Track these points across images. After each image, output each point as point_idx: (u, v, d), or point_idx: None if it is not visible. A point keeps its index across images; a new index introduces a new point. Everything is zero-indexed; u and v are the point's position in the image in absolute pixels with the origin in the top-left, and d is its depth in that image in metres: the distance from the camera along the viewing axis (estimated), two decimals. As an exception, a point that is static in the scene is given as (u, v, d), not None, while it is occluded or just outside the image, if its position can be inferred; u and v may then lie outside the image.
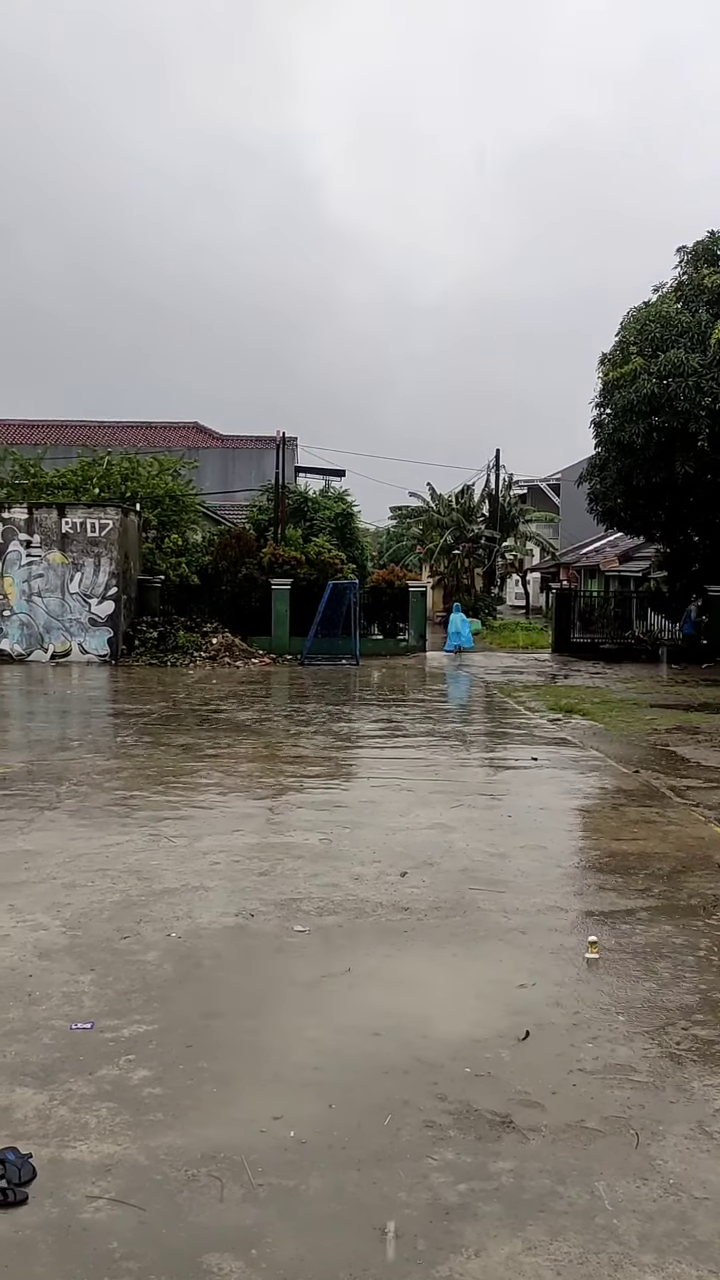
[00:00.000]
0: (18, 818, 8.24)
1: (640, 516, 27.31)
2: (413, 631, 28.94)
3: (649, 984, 4.98)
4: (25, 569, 24.43)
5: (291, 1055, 4.18)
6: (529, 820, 8.49)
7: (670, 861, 7.25)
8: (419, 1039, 4.33)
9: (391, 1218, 3.09)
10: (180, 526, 28.76)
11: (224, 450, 44.51)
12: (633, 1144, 3.53)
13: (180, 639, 25.07)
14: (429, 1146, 3.50)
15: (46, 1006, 4.61)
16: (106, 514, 24.61)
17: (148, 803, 8.90)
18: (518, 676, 22.98)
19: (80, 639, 24.43)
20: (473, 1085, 3.93)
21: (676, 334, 24.10)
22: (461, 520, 50.76)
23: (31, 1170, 3.29)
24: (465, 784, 10.17)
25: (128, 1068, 4.03)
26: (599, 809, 9.33)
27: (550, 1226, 3.06)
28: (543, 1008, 4.67)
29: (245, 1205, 3.16)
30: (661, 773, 10.85)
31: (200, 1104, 3.77)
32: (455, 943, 5.53)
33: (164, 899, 6.17)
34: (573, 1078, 4.01)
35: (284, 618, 26.80)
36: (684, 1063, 4.16)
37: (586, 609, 32.44)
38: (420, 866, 6.95)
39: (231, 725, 14.11)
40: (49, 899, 6.14)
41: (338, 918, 5.89)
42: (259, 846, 7.48)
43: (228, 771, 10.49)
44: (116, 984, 4.87)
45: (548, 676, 23.23)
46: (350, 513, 32.00)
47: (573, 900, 6.35)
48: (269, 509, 30.60)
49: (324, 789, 9.77)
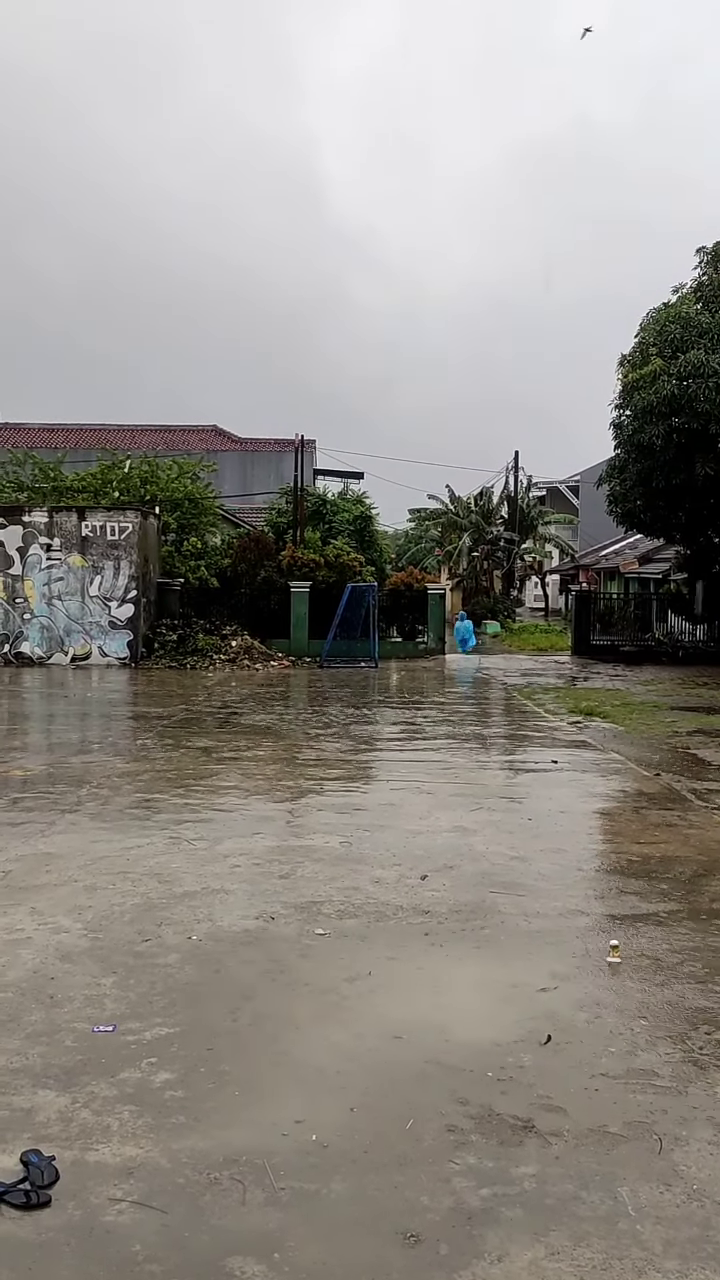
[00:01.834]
0: (39, 820, 8.28)
1: (660, 518, 27.16)
2: (431, 634, 28.90)
3: (671, 988, 4.96)
4: (45, 572, 24.54)
5: (313, 1059, 4.18)
6: (549, 823, 8.46)
7: (692, 865, 7.21)
8: (440, 1043, 4.32)
9: (413, 1222, 3.09)
10: (199, 529, 28.84)
11: (243, 453, 44.63)
12: (655, 1149, 3.52)
13: (199, 642, 25.13)
14: (451, 1151, 3.49)
15: (68, 1009, 4.63)
16: (126, 517, 24.70)
17: (168, 805, 8.92)
18: (537, 679, 22.92)
19: (100, 642, 24.53)
20: (494, 1089, 3.92)
21: (696, 335, 23.97)
22: (480, 522, 50.75)
23: (54, 1173, 3.31)
24: (485, 787, 10.15)
25: (149, 1070, 4.04)
26: (620, 812, 9.29)
27: (573, 1232, 3.05)
28: (564, 1012, 4.65)
29: (267, 1209, 3.16)
30: (682, 775, 10.80)
31: (222, 1107, 3.77)
32: (476, 946, 5.52)
33: (185, 902, 6.18)
34: (595, 1082, 3.99)
35: (303, 620, 26.83)
36: (707, 1068, 4.13)
37: (606, 611, 32.31)
38: (440, 870, 6.94)
39: (251, 728, 14.14)
40: (70, 902, 6.16)
41: (358, 921, 5.89)
42: (279, 849, 7.48)
43: (247, 774, 10.51)
44: (138, 987, 4.88)
45: (567, 679, 23.16)
46: (369, 515, 32.00)
47: (594, 904, 6.32)
48: (288, 511, 30.65)
49: (344, 792, 9.77)
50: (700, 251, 25.67)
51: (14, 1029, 4.41)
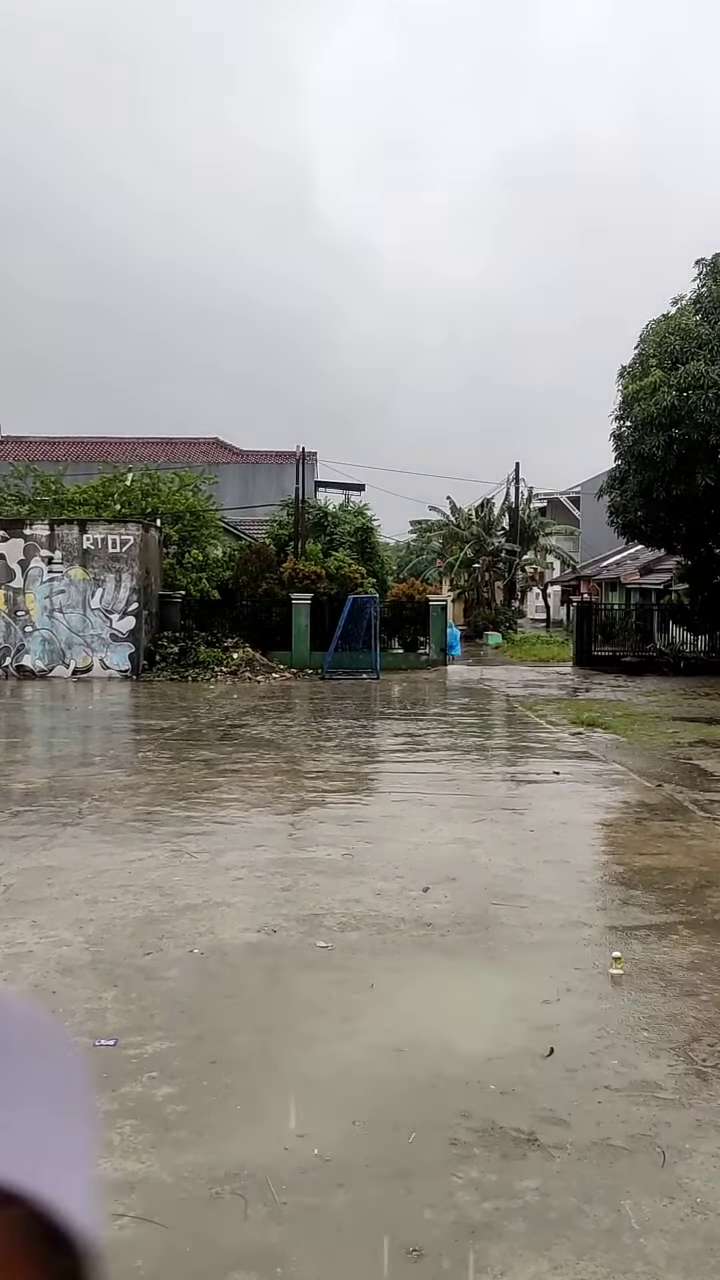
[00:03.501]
0: (40, 834, 8.27)
1: (661, 529, 27.19)
2: (433, 645, 28.90)
3: (674, 1000, 4.94)
4: (47, 585, 24.57)
5: (315, 1072, 4.16)
6: (551, 835, 8.45)
7: (694, 876, 7.19)
8: (442, 1055, 4.30)
9: (416, 1236, 3.07)
10: (201, 542, 28.87)
11: (244, 465, 44.68)
12: (659, 1162, 3.50)
13: (201, 654, 25.14)
14: (453, 1164, 3.48)
15: (70, 1023, 4.61)
16: (127, 530, 24.73)
17: (170, 818, 8.91)
18: (539, 690, 22.90)
19: (102, 654, 24.53)
20: (497, 1102, 3.91)
21: (696, 346, 24.04)
22: (481, 533, 50.75)
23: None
24: (487, 798, 10.13)
25: (151, 1085, 4.03)
26: (622, 823, 9.27)
27: (576, 1246, 3.04)
28: (567, 1024, 4.64)
29: (269, 1223, 3.15)
30: (685, 786, 10.78)
31: (223, 1121, 3.76)
32: (478, 958, 5.51)
33: (186, 915, 6.17)
34: (598, 1095, 3.98)
35: (304, 632, 26.84)
36: (710, 1080, 4.12)
37: (607, 622, 32.32)
38: (443, 882, 6.93)
39: (253, 740, 14.13)
40: (72, 915, 6.15)
41: (360, 933, 5.87)
42: (281, 862, 7.47)
43: (249, 787, 10.50)
44: (139, 1000, 4.87)
45: (569, 690, 23.15)
46: (370, 527, 32.02)
47: (596, 915, 6.31)
48: (289, 524, 30.67)
49: (345, 804, 9.76)
50: (699, 263, 25.76)
51: (15, 1043, 4.39)
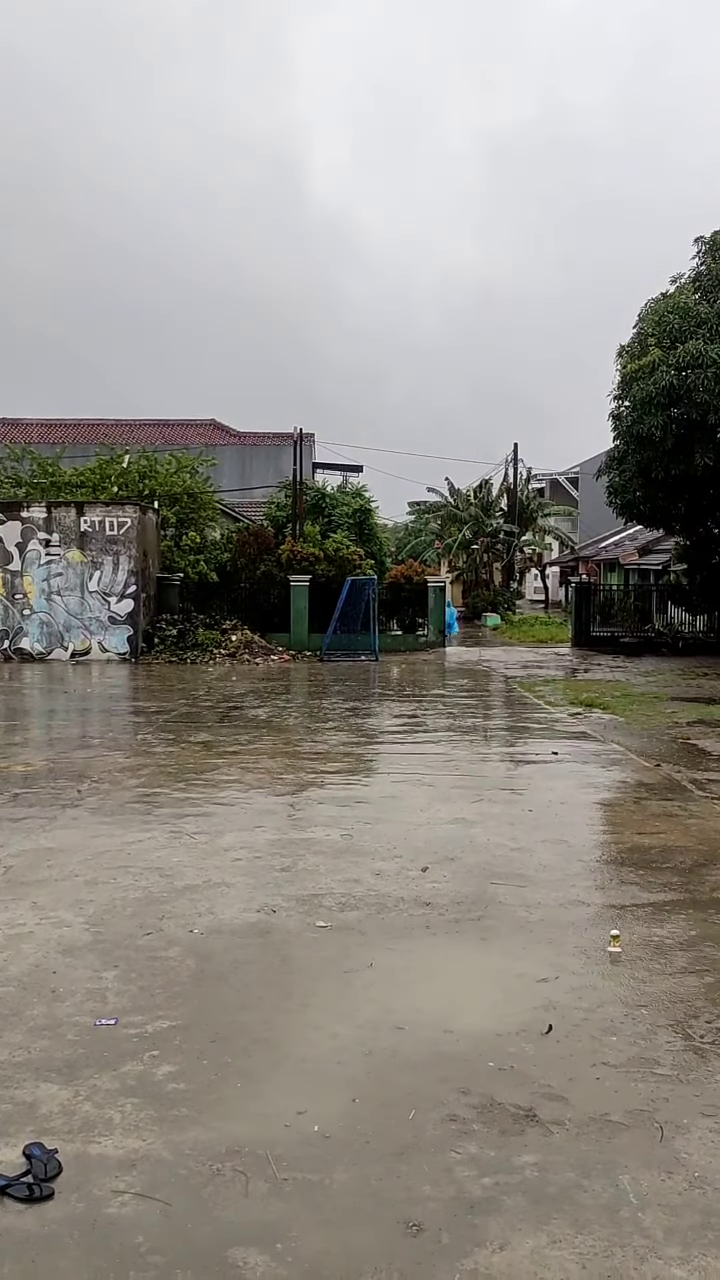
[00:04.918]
0: (40, 815, 8.29)
1: (659, 509, 27.16)
2: (432, 627, 28.90)
3: (672, 977, 4.96)
4: (44, 568, 24.54)
5: (314, 1050, 4.18)
6: (550, 814, 8.47)
7: (693, 855, 7.22)
8: (441, 1033, 4.32)
9: (416, 1211, 3.09)
10: (198, 524, 28.84)
11: (241, 447, 44.54)
12: (657, 1137, 3.52)
13: (199, 636, 25.14)
14: (453, 1140, 3.50)
15: (70, 1003, 4.63)
16: (125, 512, 24.68)
17: (169, 800, 8.93)
18: (537, 671, 22.92)
19: (100, 637, 24.53)
20: (496, 1079, 3.93)
21: (695, 325, 23.92)
22: (480, 515, 50.69)
23: (57, 1165, 3.31)
24: (486, 778, 10.15)
25: (151, 1063, 4.05)
26: (620, 802, 9.29)
27: (575, 1220, 3.06)
28: (565, 1001, 4.66)
29: (270, 1199, 3.17)
30: (683, 766, 10.80)
31: (224, 1099, 3.78)
32: (477, 937, 5.53)
33: (186, 895, 6.19)
34: (596, 1071, 4.00)
35: (303, 614, 26.83)
36: (708, 1056, 4.14)
37: (606, 603, 32.34)
38: (441, 861, 6.94)
39: (251, 722, 14.14)
40: (71, 896, 6.17)
41: (359, 913, 5.89)
42: (280, 842, 7.49)
43: (248, 768, 10.51)
44: (139, 980, 4.89)
45: (567, 670, 23.16)
46: (368, 508, 31.96)
47: (594, 894, 6.33)
48: (287, 505, 30.62)
49: (344, 784, 9.78)
50: (698, 241, 25.64)
51: (16, 1023, 4.42)
